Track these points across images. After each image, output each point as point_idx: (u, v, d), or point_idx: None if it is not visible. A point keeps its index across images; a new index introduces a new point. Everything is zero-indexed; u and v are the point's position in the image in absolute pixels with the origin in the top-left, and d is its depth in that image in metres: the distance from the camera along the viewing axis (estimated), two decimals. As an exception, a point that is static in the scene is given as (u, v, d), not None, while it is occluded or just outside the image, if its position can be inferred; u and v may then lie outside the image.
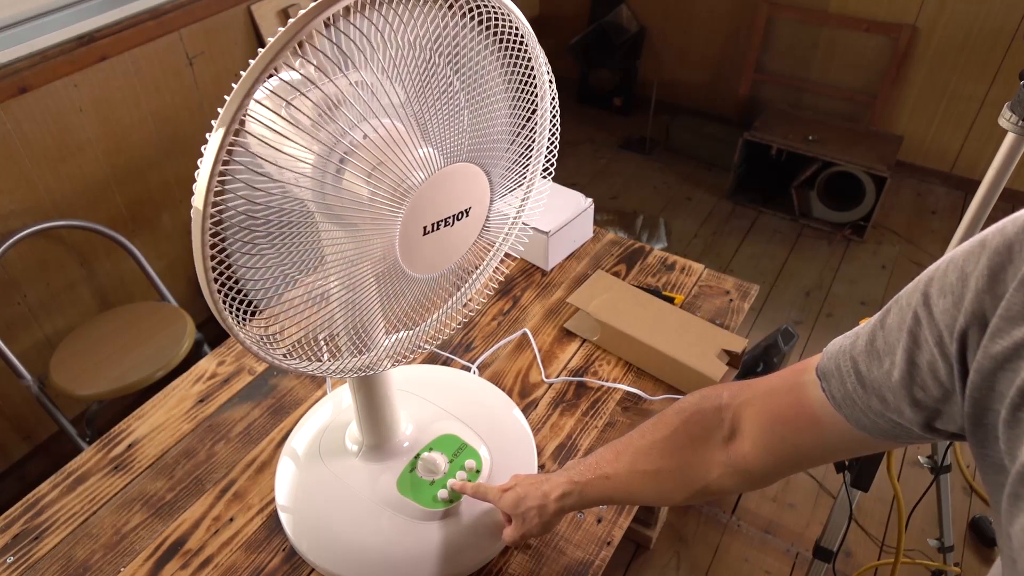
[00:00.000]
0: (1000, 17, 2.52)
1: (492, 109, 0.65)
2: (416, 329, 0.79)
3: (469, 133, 0.63)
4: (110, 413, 1.87)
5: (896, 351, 0.45)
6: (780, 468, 0.58)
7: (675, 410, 0.66)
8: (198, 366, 1.13)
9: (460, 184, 0.65)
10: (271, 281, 0.59)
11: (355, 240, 0.61)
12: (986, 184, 1.07)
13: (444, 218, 0.65)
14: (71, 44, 1.65)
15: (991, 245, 0.39)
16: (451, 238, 0.68)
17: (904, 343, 0.44)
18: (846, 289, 2.49)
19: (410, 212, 0.61)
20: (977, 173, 2.84)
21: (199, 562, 0.87)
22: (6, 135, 1.58)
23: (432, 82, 0.59)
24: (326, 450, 0.94)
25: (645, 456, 0.67)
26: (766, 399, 0.57)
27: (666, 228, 2.75)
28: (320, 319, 0.65)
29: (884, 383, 0.46)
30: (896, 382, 0.45)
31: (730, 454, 0.60)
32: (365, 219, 0.59)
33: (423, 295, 0.73)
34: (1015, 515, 0.36)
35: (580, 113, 3.47)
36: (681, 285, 1.25)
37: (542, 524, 0.77)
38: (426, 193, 0.61)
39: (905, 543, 1.34)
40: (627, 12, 3.23)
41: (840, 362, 0.50)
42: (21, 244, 1.65)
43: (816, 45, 2.92)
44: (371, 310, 0.68)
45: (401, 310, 0.71)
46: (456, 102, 0.61)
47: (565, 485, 0.73)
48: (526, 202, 0.81)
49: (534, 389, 1.08)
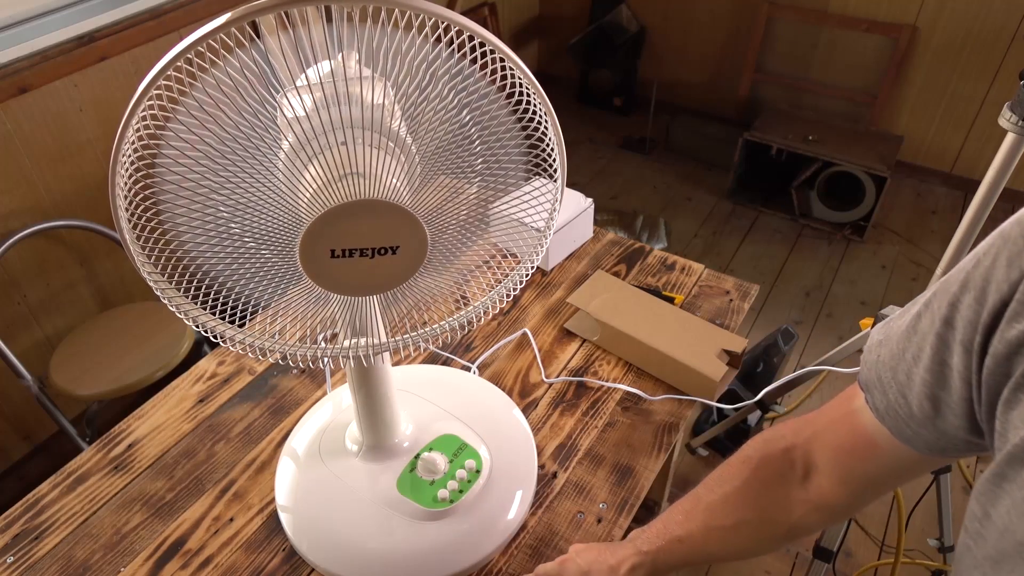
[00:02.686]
0: (1000, 17, 2.52)
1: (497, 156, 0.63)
2: (411, 334, 0.78)
3: (453, 174, 0.60)
4: (110, 413, 1.87)
5: (931, 357, 0.44)
6: (857, 498, 0.56)
7: (740, 459, 0.63)
8: (198, 366, 1.13)
9: (386, 222, 0.60)
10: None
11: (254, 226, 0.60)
12: (986, 184, 1.07)
13: (360, 248, 0.61)
14: (71, 44, 1.65)
15: (1010, 236, 0.40)
16: (373, 269, 0.63)
17: (932, 346, 0.43)
18: (846, 289, 2.49)
19: (313, 228, 0.58)
20: (977, 173, 2.84)
21: (199, 562, 0.87)
22: (6, 135, 1.58)
23: (428, 113, 0.58)
24: (326, 450, 0.94)
25: (720, 512, 0.63)
26: (829, 433, 0.56)
27: (666, 228, 2.75)
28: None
29: (923, 391, 0.45)
30: (931, 388, 0.44)
31: (810, 492, 0.58)
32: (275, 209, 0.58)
33: (421, 299, 0.72)
34: (999, 496, 0.36)
35: (580, 113, 3.47)
36: (681, 285, 1.25)
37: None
38: (340, 216, 0.58)
39: (905, 543, 1.35)
40: (627, 12, 3.23)
41: (880, 373, 0.49)
42: (21, 244, 1.65)
43: (816, 45, 2.92)
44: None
45: (396, 312, 0.71)
46: (455, 138, 0.59)
47: (634, 557, 0.68)
48: (552, 218, 0.78)
49: (534, 389, 1.08)
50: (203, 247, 0.61)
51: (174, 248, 0.61)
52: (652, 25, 3.27)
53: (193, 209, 0.57)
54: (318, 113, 0.54)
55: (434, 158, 0.61)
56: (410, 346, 0.76)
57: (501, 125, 0.62)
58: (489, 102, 0.60)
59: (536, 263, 0.78)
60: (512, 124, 0.63)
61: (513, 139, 0.64)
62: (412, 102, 0.58)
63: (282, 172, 0.58)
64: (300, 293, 0.68)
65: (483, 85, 0.59)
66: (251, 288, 0.66)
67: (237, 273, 0.64)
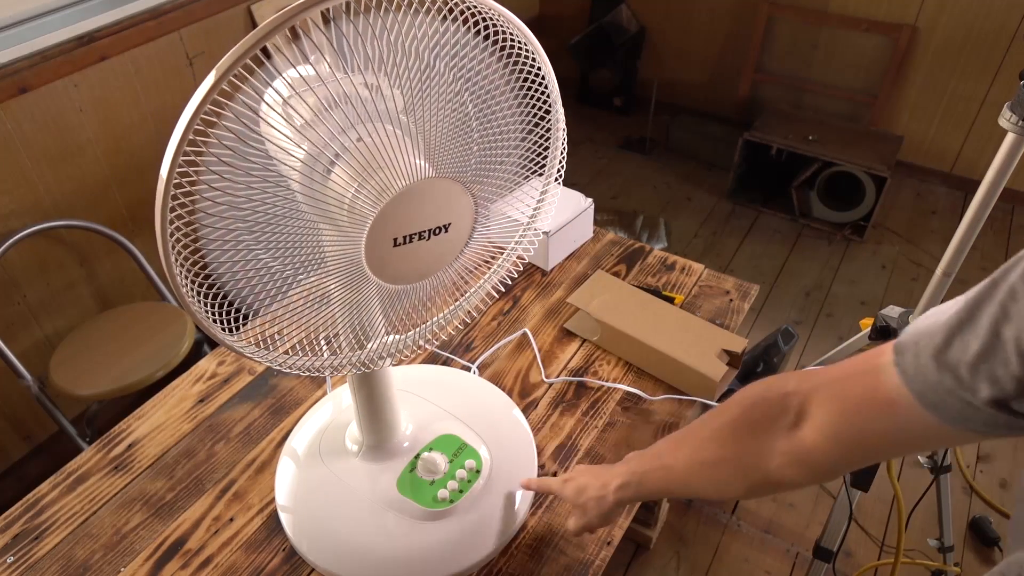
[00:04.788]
0: (1000, 17, 2.52)
1: (499, 125, 0.64)
2: (411, 332, 0.79)
3: (466, 149, 0.62)
4: (110, 413, 1.87)
5: (981, 324, 0.43)
6: (847, 458, 0.54)
7: (738, 398, 0.62)
8: (198, 366, 1.13)
9: (441, 199, 0.63)
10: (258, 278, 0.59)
11: (323, 240, 0.60)
12: (986, 184, 1.07)
13: (419, 231, 0.64)
14: (71, 44, 1.65)
15: None
16: (425, 252, 0.66)
17: (992, 314, 0.42)
18: (846, 289, 2.49)
19: (380, 219, 0.60)
20: (977, 173, 2.84)
21: (199, 562, 0.87)
22: (6, 135, 1.58)
23: (434, 91, 0.59)
24: (326, 450, 0.94)
25: (704, 445, 0.64)
26: (839, 384, 0.54)
27: (666, 228, 2.75)
28: (305, 319, 0.65)
29: (961, 358, 0.44)
30: (975, 355, 0.43)
31: (793, 443, 0.56)
32: (336, 219, 0.59)
33: (425, 297, 0.73)
34: None
35: (580, 113, 3.47)
36: (681, 285, 1.25)
37: (601, 516, 0.76)
38: (401, 203, 0.60)
39: (905, 543, 1.35)
40: (627, 12, 3.23)
41: (920, 338, 0.47)
42: (21, 244, 1.65)
43: (816, 45, 2.92)
44: (334, 313, 0.68)
45: (396, 314, 0.71)
46: (460, 116, 0.60)
47: (624, 475, 0.72)
48: (539, 209, 0.80)
49: (534, 389, 1.08)
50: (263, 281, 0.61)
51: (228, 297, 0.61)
52: (652, 25, 3.26)
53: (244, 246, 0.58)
54: (354, 108, 0.55)
55: (453, 129, 0.62)
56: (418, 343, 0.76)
57: (495, 78, 0.64)
58: (480, 61, 0.61)
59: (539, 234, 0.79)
60: (505, 75, 0.65)
61: (509, 86, 0.66)
62: (418, 80, 0.58)
63: (337, 182, 0.58)
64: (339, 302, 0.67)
65: (473, 42, 0.60)
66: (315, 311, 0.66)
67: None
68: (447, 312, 0.80)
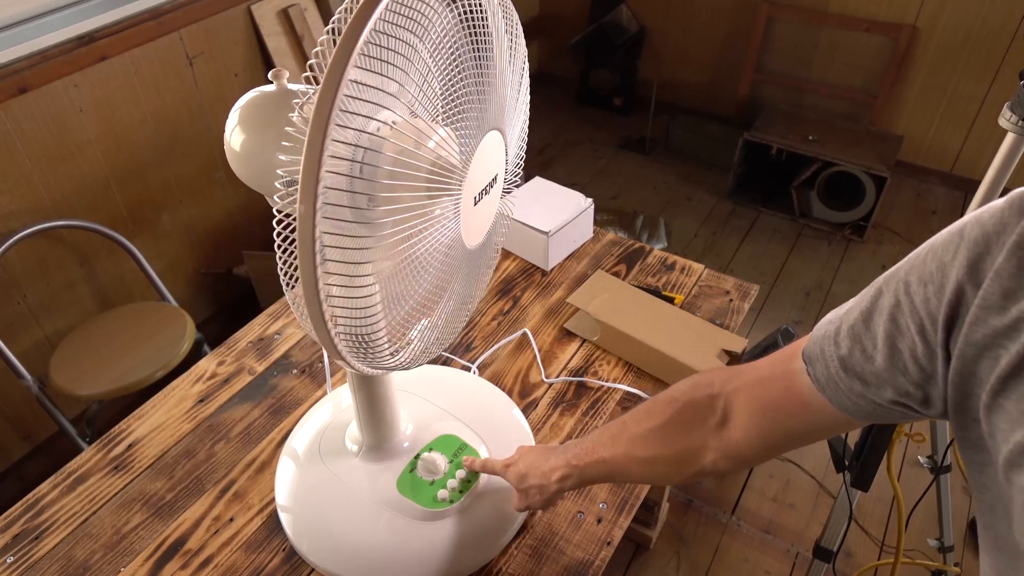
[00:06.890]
0: (1000, 17, 2.52)
1: (501, 75, 0.66)
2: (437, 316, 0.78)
3: (490, 102, 0.64)
4: (110, 413, 1.87)
5: (878, 337, 0.47)
6: (770, 451, 0.61)
7: (667, 399, 0.68)
8: (198, 366, 1.13)
9: (492, 152, 0.67)
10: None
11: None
12: (986, 184, 1.07)
13: (484, 187, 0.67)
14: (71, 44, 1.65)
15: (969, 236, 0.41)
16: (487, 207, 0.70)
17: (885, 329, 0.46)
18: (846, 289, 2.49)
19: (470, 182, 0.63)
20: (977, 173, 2.84)
21: (199, 562, 0.87)
22: (6, 135, 1.58)
23: (454, 58, 0.61)
24: (326, 450, 0.94)
25: (641, 443, 0.70)
26: (757, 387, 0.60)
27: (666, 228, 2.75)
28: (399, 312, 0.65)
29: (866, 367, 0.48)
30: (878, 366, 0.47)
31: (723, 441, 0.62)
32: (445, 188, 0.61)
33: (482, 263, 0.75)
34: (1014, 476, 0.38)
35: (580, 113, 3.47)
36: (681, 285, 1.25)
37: (543, 500, 0.81)
38: (476, 163, 0.63)
39: (905, 543, 1.34)
40: (627, 12, 3.23)
41: (824, 346, 0.52)
42: (21, 244, 1.65)
43: (816, 45, 2.92)
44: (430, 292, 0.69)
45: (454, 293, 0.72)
46: (476, 73, 0.62)
47: (565, 468, 0.76)
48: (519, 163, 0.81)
49: (534, 389, 1.08)
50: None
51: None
52: (652, 25, 3.26)
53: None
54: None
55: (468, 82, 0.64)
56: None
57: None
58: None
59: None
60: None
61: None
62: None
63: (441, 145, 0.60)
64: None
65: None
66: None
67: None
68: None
